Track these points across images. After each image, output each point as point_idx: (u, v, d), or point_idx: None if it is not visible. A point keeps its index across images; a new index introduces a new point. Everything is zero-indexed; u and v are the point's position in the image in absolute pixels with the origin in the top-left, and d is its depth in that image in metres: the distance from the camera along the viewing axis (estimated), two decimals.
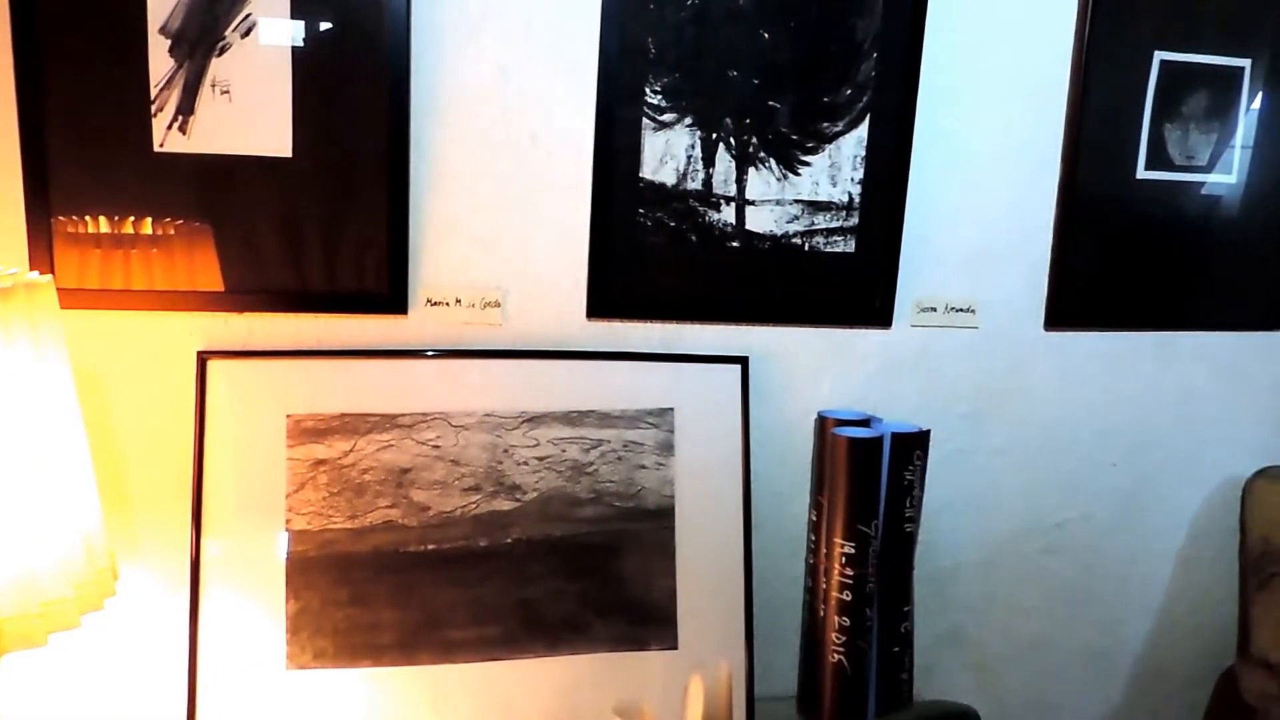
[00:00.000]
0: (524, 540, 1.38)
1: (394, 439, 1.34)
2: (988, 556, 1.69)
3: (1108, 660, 1.80)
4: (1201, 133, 1.62)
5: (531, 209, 1.42)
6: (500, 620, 1.36)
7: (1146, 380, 1.70)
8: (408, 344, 1.40)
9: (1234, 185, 1.66)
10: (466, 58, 1.36)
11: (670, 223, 1.45)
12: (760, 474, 1.51)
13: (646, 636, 1.41)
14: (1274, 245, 1.70)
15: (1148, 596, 1.79)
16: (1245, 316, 1.73)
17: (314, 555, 1.31)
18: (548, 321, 1.45)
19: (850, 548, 1.37)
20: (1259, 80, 1.63)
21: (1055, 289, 1.61)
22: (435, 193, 1.38)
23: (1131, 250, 1.64)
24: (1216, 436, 1.76)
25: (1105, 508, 1.73)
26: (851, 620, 1.38)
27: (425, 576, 1.34)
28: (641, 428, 1.43)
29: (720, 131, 1.44)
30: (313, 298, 1.35)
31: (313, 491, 1.31)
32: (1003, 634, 1.73)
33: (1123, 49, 1.56)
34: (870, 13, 1.45)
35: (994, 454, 1.66)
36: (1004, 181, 1.58)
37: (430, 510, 1.35)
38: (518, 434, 1.39)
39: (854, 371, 1.57)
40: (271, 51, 1.28)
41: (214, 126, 1.28)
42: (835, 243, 1.50)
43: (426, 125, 1.36)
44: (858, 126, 1.48)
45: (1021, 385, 1.64)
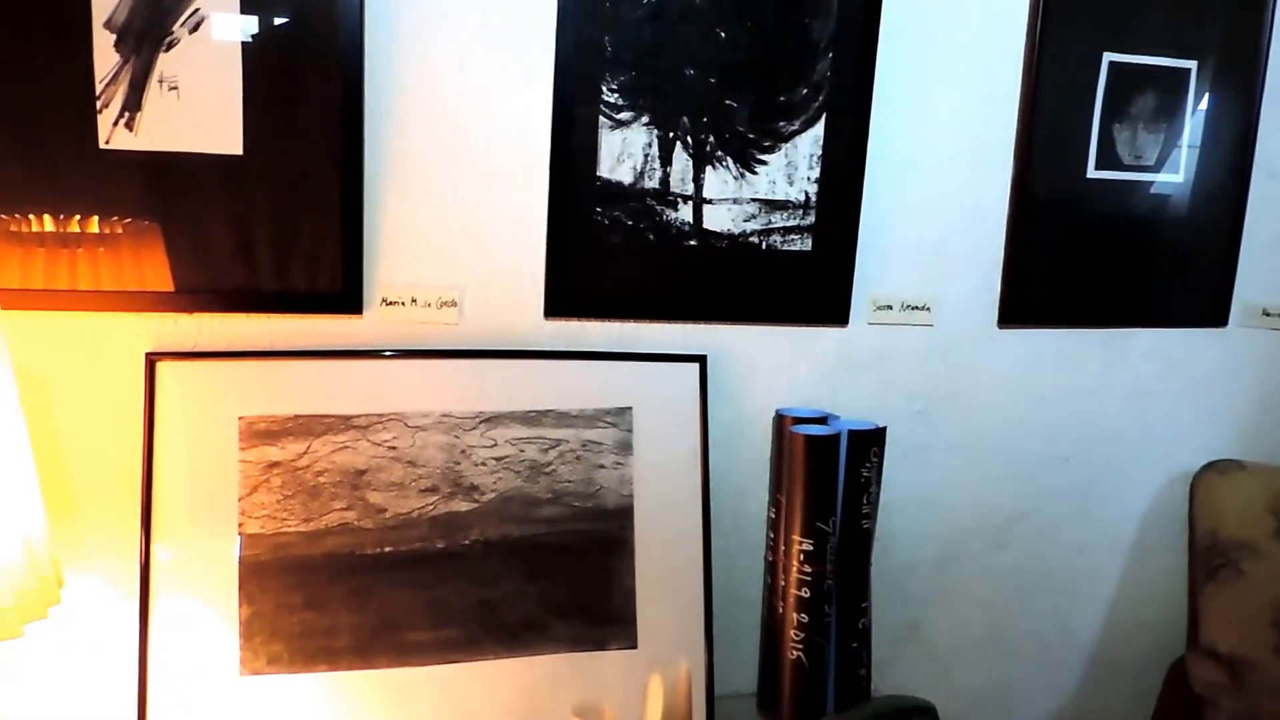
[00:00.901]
0: (482, 541, 1.37)
1: (349, 440, 1.33)
2: (943, 552, 1.71)
3: (1061, 652, 1.83)
4: (1149, 133, 1.65)
5: (488, 207, 1.41)
6: (459, 622, 1.35)
7: (1097, 377, 1.73)
8: (363, 344, 1.38)
9: (1181, 184, 1.69)
10: (422, 55, 1.35)
11: (628, 221, 1.45)
12: (719, 472, 1.51)
13: (606, 636, 1.41)
14: (1220, 243, 1.74)
15: (1099, 589, 1.83)
16: (1193, 313, 1.76)
17: (267, 559, 1.29)
18: (505, 321, 1.44)
19: (808, 544, 1.38)
20: (1205, 81, 1.66)
21: (1008, 287, 1.63)
22: (391, 191, 1.37)
23: (1083, 249, 1.67)
24: (1166, 432, 1.79)
25: (1058, 503, 1.76)
26: (810, 617, 1.39)
27: (382, 579, 1.33)
28: (600, 427, 1.43)
29: (677, 130, 1.44)
30: (265, 297, 1.33)
31: (266, 494, 1.29)
32: (958, 628, 1.75)
33: (1072, 50, 1.58)
34: (825, 13, 1.46)
35: (949, 450, 1.68)
36: (958, 181, 1.59)
37: (387, 512, 1.34)
38: (475, 434, 1.38)
39: (811, 369, 1.58)
40: (221, 47, 1.26)
41: (162, 123, 1.26)
42: (792, 241, 1.51)
43: (381, 122, 1.35)
44: (814, 126, 1.48)
45: (976, 382, 1.66)
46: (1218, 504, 1.72)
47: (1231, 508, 1.71)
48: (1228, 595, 1.67)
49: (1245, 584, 1.66)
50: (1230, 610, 1.67)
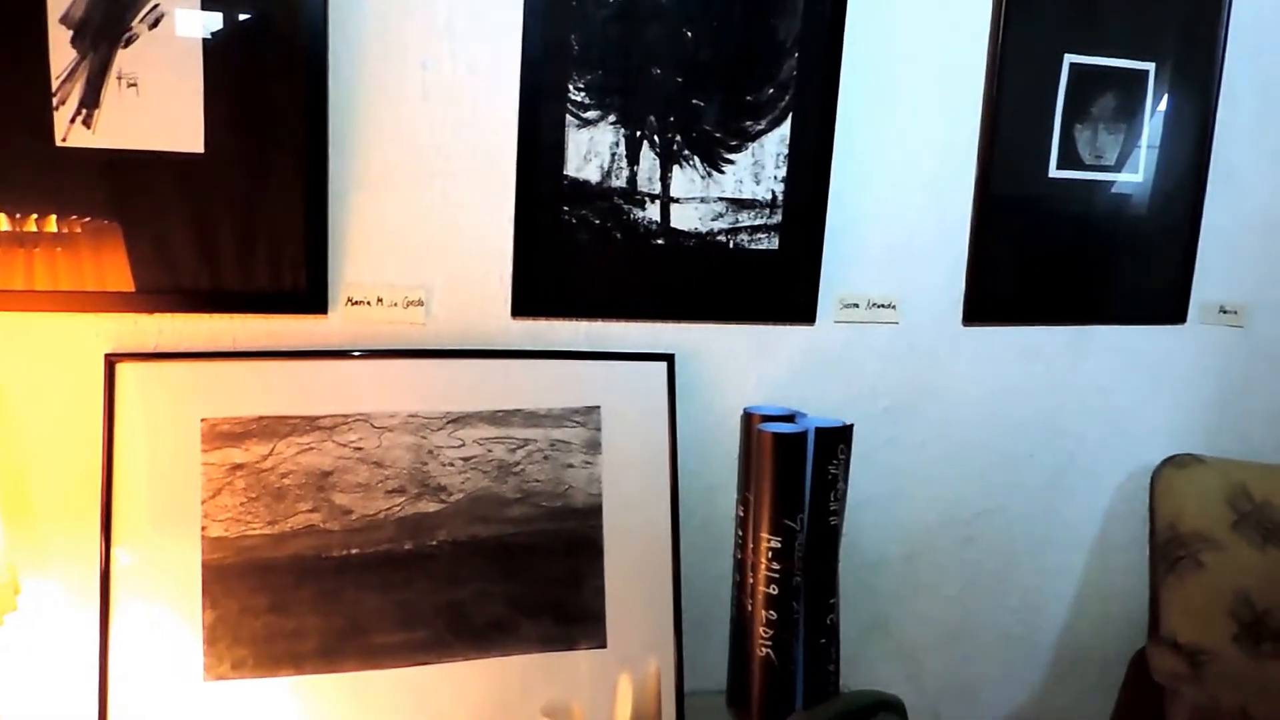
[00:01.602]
0: (450, 542, 1.36)
1: (314, 441, 1.31)
2: (910, 548, 1.72)
3: (1026, 645, 1.85)
4: (1110, 133, 1.67)
5: (455, 206, 1.40)
6: (426, 624, 1.34)
7: (1061, 373, 1.75)
8: (328, 344, 1.37)
9: (1141, 184, 1.72)
10: (386, 52, 1.34)
11: (595, 220, 1.44)
12: (687, 470, 1.51)
13: (575, 636, 1.40)
14: (1179, 242, 1.76)
15: (1063, 583, 1.85)
16: (1153, 310, 1.79)
17: (231, 562, 1.27)
18: (472, 320, 1.43)
19: (776, 542, 1.38)
20: (1163, 82, 1.69)
21: (973, 285, 1.65)
22: (356, 189, 1.36)
23: (1045, 247, 1.69)
24: (1127, 427, 1.82)
25: (1022, 498, 1.78)
26: (779, 614, 1.40)
27: (348, 581, 1.32)
28: (568, 426, 1.42)
29: (644, 129, 1.44)
30: (228, 297, 1.32)
31: (229, 497, 1.28)
32: (925, 623, 1.77)
33: (1034, 51, 1.60)
34: (791, 13, 1.46)
35: (915, 447, 1.69)
36: (923, 180, 1.61)
37: (353, 514, 1.32)
38: (443, 434, 1.37)
39: (779, 367, 1.58)
40: (182, 44, 1.24)
41: (121, 121, 1.24)
42: (759, 240, 1.52)
43: (346, 120, 1.33)
44: (780, 125, 1.49)
45: (941, 380, 1.68)
46: (1177, 497, 1.75)
47: (1190, 501, 1.74)
48: (1188, 587, 1.70)
49: (1204, 576, 1.69)
50: (1190, 601, 1.70)
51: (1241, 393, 1.88)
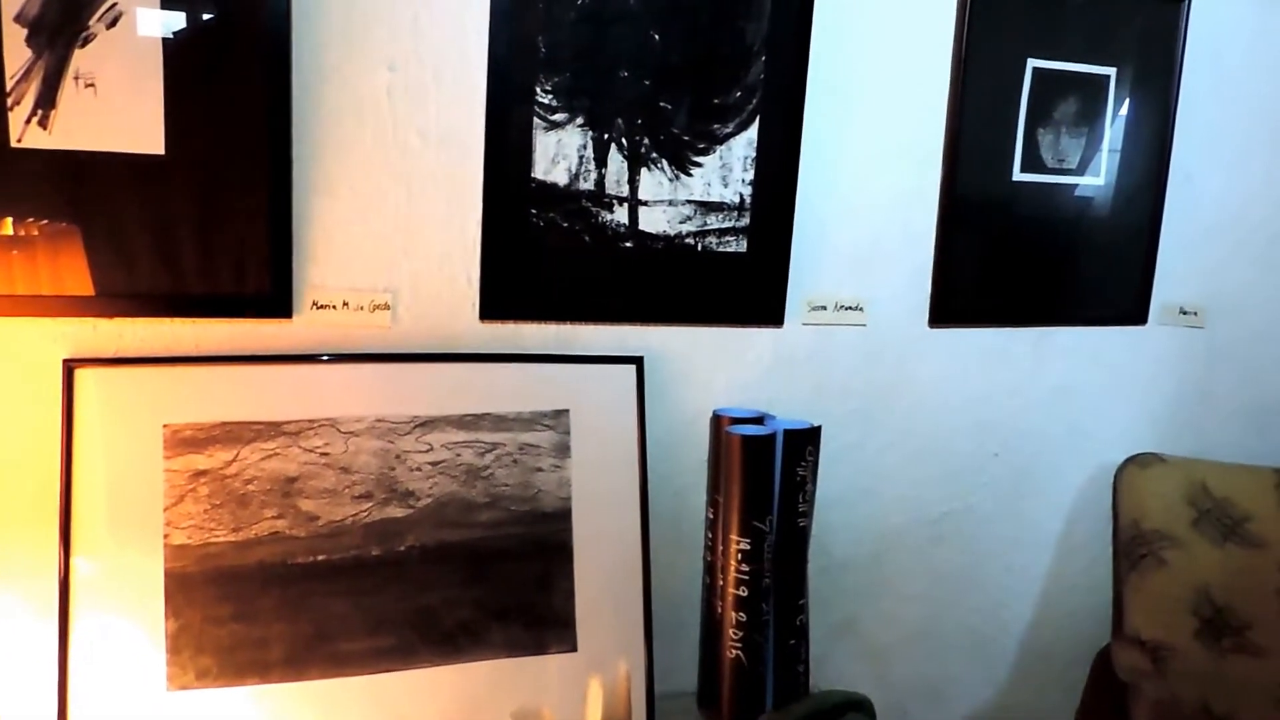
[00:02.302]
0: (418, 547, 1.35)
1: (279, 447, 1.30)
2: (878, 547, 1.74)
3: (992, 644, 1.87)
4: (1072, 137, 1.70)
5: (421, 209, 1.39)
6: (395, 630, 1.32)
7: (1025, 374, 1.78)
8: (293, 348, 1.35)
9: (1103, 187, 1.74)
10: (351, 53, 1.33)
11: (563, 223, 1.44)
12: (657, 473, 1.51)
13: (545, 640, 1.40)
14: (1140, 244, 1.79)
15: (1028, 581, 1.87)
16: (1115, 312, 1.82)
17: (195, 570, 1.25)
18: (440, 323, 1.42)
19: (746, 544, 1.39)
20: (1124, 87, 1.71)
21: (938, 287, 1.66)
22: (320, 192, 1.34)
23: (1010, 250, 1.71)
24: (1090, 427, 1.85)
25: (988, 497, 1.80)
26: (748, 615, 1.40)
27: (315, 588, 1.30)
28: (537, 430, 1.42)
29: (612, 132, 1.44)
30: (190, 301, 1.30)
31: (193, 504, 1.26)
32: (893, 622, 1.78)
33: (998, 56, 1.62)
34: (758, 17, 1.47)
35: (883, 448, 1.70)
36: (889, 183, 1.62)
37: (319, 520, 1.31)
38: (410, 439, 1.36)
39: (748, 369, 1.59)
40: (140, 43, 1.22)
41: (78, 121, 1.21)
42: (727, 243, 1.52)
43: (310, 122, 1.32)
44: (748, 128, 1.49)
45: (908, 381, 1.69)
46: (1139, 496, 1.78)
47: (1152, 500, 1.77)
48: (1150, 584, 1.72)
49: (1166, 573, 1.72)
50: (1153, 598, 1.72)
51: (1201, 392, 1.91)
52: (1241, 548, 1.72)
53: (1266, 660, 1.65)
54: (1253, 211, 1.88)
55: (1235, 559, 1.72)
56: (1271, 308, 1.92)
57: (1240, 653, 1.66)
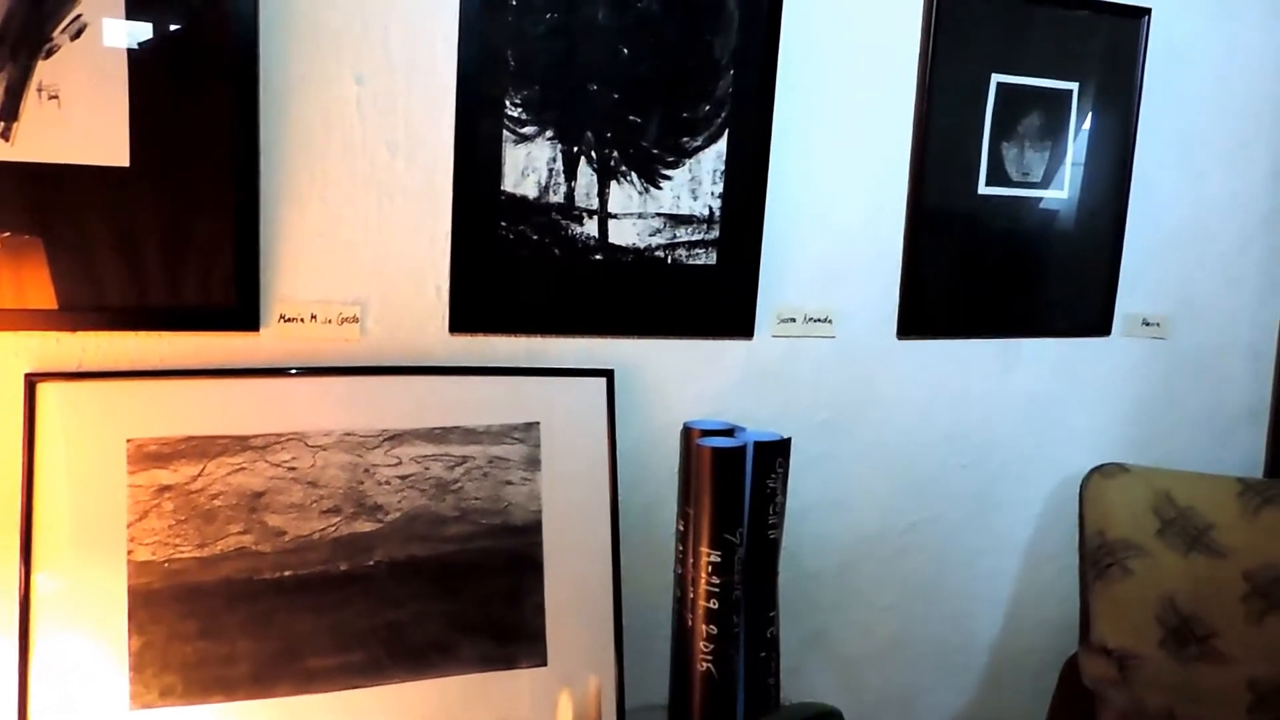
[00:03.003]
0: (387, 562, 1.34)
1: (246, 462, 1.29)
2: (848, 558, 1.74)
3: (961, 653, 1.88)
4: (1036, 151, 1.72)
5: (390, 221, 1.39)
6: (363, 646, 1.31)
7: (992, 385, 1.79)
8: (260, 362, 1.34)
9: (1067, 200, 1.77)
10: (319, 64, 1.32)
11: (533, 236, 1.44)
12: (628, 486, 1.51)
13: (515, 654, 1.39)
14: (1104, 256, 1.82)
15: (997, 591, 1.89)
16: (1080, 323, 1.84)
17: (159, 587, 1.24)
18: (409, 336, 1.42)
19: (716, 556, 1.39)
20: (1087, 102, 1.74)
21: (906, 299, 1.68)
22: (288, 204, 1.33)
23: (976, 262, 1.73)
24: (1056, 437, 1.87)
25: (956, 507, 1.81)
26: (719, 628, 1.40)
27: (282, 604, 1.29)
28: (507, 443, 1.41)
29: (581, 145, 1.44)
30: (155, 314, 1.28)
31: (157, 520, 1.24)
32: (863, 633, 1.79)
33: (962, 71, 1.64)
34: (726, 31, 1.48)
35: (852, 459, 1.71)
36: (857, 196, 1.63)
37: (286, 535, 1.30)
38: (379, 453, 1.35)
39: (718, 381, 1.59)
40: (105, 54, 1.21)
41: (42, 134, 1.20)
42: (697, 255, 1.53)
43: (278, 133, 1.31)
44: (717, 141, 1.50)
45: (877, 392, 1.71)
46: (1105, 506, 1.80)
47: (1117, 509, 1.79)
48: (1116, 593, 1.74)
49: (1132, 582, 1.74)
50: (1118, 607, 1.74)
51: (1164, 402, 1.94)
52: (1206, 556, 1.75)
53: (1231, 668, 1.67)
54: (1213, 223, 1.91)
55: (1200, 568, 1.74)
56: (1233, 319, 1.96)
57: (1205, 661, 1.68)
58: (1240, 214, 1.93)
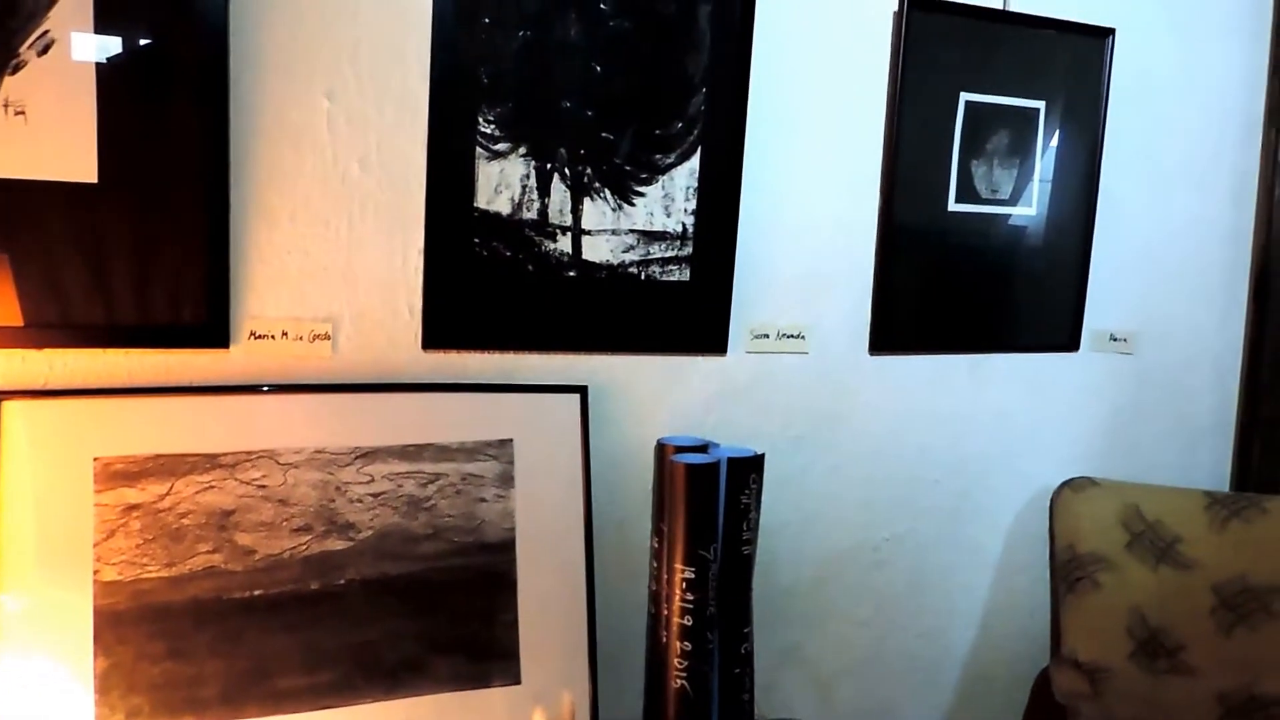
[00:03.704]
0: (359, 581, 1.33)
1: (215, 480, 1.27)
2: (822, 574, 1.75)
3: (935, 668, 1.88)
4: (1004, 168, 1.74)
5: (362, 238, 1.38)
6: (334, 666, 1.30)
7: (963, 400, 1.81)
8: (230, 379, 1.33)
9: (1036, 217, 1.79)
10: (291, 81, 1.32)
11: (507, 252, 1.44)
12: (602, 502, 1.51)
13: (489, 673, 1.38)
14: (1072, 272, 1.84)
15: (969, 605, 1.89)
16: (1049, 339, 1.86)
17: (126, 607, 1.22)
18: (382, 353, 1.41)
19: (690, 573, 1.39)
20: (1054, 120, 1.77)
21: (878, 315, 1.69)
22: (259, 220, 1.33)
23: (947, 279, 1.74)
24: (1027, 452, 1.88)
25: (929, 522, 1.82)
26: (693, 644, 1.40)
27: (252, 624, 1.27)
28: (480, 460, 1.41)
29: (555, 162, 1.44)
30: (123, 332, 1.27)
31: (124, 539, 1.23)
32: (838, 648, 1.79)
33: (931, 89, 1.66)
34: (699, 50, 1.49)
35: (825, 474, 1.72)
36: (828, 213, 1.65)
37: (256, 554, 1.28)
38: (351, 470, 1.34)
39: (692, 398, 1.60)
40: (73, 69, 1.20)
41: (7, 149, 1.19)
42: (671, 272, 1.53)
43: (248, 149, 1.31)
44: (689, 159, 1.51)
45: (849, 407, 1.72)
46: (1074, 519, 1.82)
47: (1087, 523, 1.81)
48: (1086, 606, 1.76)
49: (1102, 595, 1.75)
50: (1089, 620, 1.76)
51: (1132, 417, 1.96)
52: (1174, 569, 1.77)
53: (1199, 680, 1.68)
54: (1179, 240, 1.94)
55: (1168, 581, 1.76)
56: (1198, 334, 1.99)
57: (1174, 673, 1.70)
58: (1203, 231, 1.96)
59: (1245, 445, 2.03)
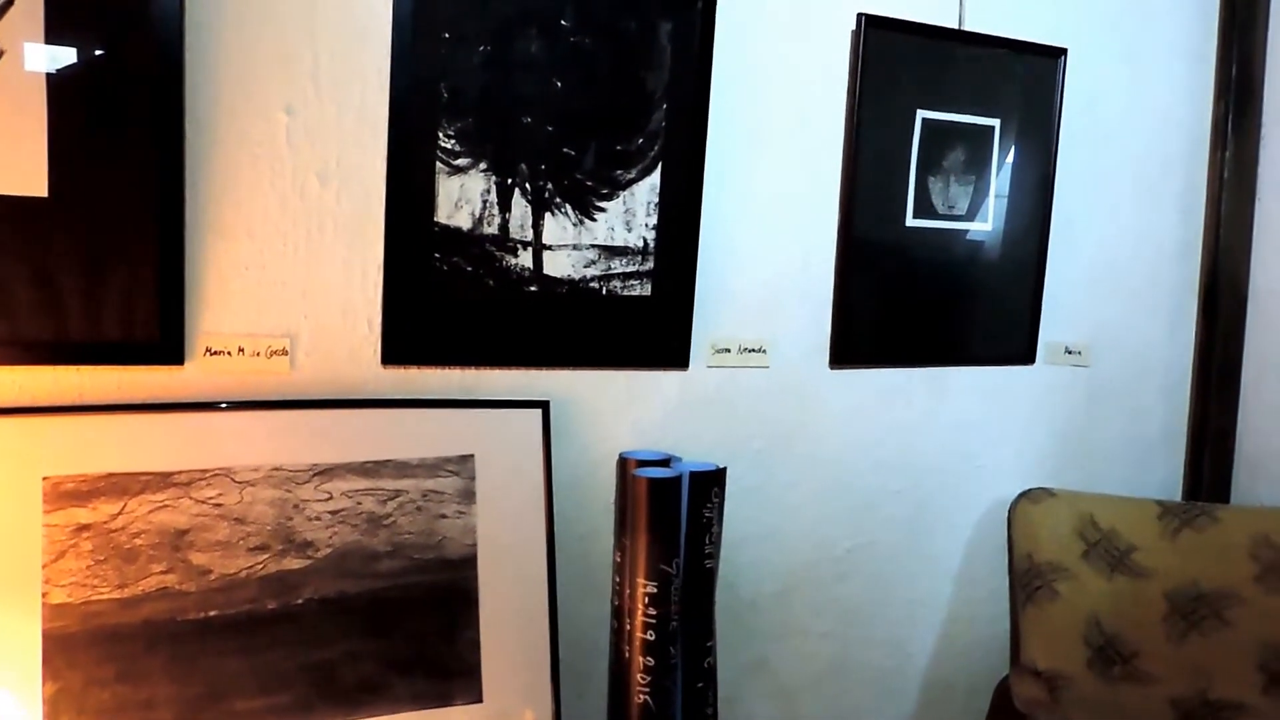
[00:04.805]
0: (317, 600, 1.31)
1: (169, 498, 1.25)
2: (784, 586, 1.75)
3: (898, 678, 1.90)
4: (960, 184, 1.77)
5: (321, 253, 1.37)
6: (291, 687, 1.28)
7: (922, 413, 1.83)
8: (185, 396, 1.31)
9: (992, 232, 1.82)
10: (248, 94, 1.31)
11: (468, 267, 1.43)
12: (564, 517, 1.50)
13: (450, 692, 1.37)
14: (1027, 286, 1.87)
15: (930, 615, 1.91)
16: (1006, 352, 1.89)
17: (76, 630, 1.19)
18: (341, 369, 1.40)
19: (653, 587, 1.39)
20: (1009, 137, 1.80)
21: (838, 329, 1.71)
22: (215, 235, 1.31)
23: (905, 293, 1.76)
24: (985, 463, 1.91)
25: (889, 533, 1.83)
26: (656, 659, 1.39)
27: (208, 646, 1.25)
28: (441, 476, 1.40)
29: (516, 177, 1.44)
30: (74, 349, 1.25)
31: (74, 560, 1.20)
32: (801, 660, 1.79)
33: (889, 107, 1.69)
34: (659, 67, 1.50)
35: (787, 487, 1.73)
36: (788, 228, 1.66)
37: (212, 573, 1.26)
38: (309, 488, 1.32)
39: (654, 412, 1.60)
40: (24, 80, 1.18)
41: None
42: (632, 286, 1.53)
43: (204, 163, 1.29)
44: (650, 174, 1.52)
45: (810, 420, 1.73)
46: (1032, 530, 1.84)
47: (1044, 533, 1.83)
48: (1045, 615, 1.77)
49: (1060, 604, 1.77)
50: (1047, 629, 1.77)
51: (1087, 428, 1.99)
52: (1128, 578, 1.79)
53: (1153, 687, 1.71)
54: (1130, 254, 1.98)
55: (1123, 589, 1.79)
56: (1149, 346, 2.03)
57: (1129, 680, 1.72)
58: (1153, 246, 2.00)
59: (1196, 455, 2.08)
